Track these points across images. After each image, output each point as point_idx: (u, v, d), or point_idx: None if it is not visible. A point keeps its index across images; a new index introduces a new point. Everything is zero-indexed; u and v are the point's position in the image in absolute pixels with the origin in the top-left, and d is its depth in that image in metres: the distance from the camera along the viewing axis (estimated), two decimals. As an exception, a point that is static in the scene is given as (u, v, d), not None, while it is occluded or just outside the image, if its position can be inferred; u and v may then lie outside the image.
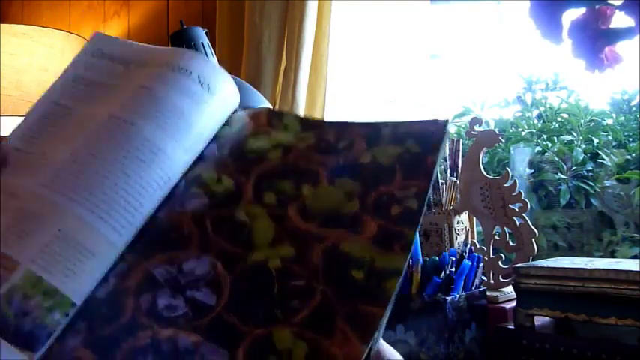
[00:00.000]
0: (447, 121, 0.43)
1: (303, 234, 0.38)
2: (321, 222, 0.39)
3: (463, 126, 1.55)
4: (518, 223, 0.90)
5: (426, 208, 0.99)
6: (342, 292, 0.34)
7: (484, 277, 0.89)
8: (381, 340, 0.47)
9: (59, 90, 0.45)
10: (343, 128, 0.45)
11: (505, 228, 0.92)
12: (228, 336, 0.33)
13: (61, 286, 0.33)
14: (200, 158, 0.42)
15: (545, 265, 0.75)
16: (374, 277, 0.35)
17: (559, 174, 1.37)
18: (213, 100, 0.44)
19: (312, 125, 0.46)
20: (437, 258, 0.79)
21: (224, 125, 0.45)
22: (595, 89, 1.43)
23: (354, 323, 0.33)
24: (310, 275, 0.36)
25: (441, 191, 1.00)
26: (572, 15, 0.53)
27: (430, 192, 0.95)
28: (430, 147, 0.41)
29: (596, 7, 0.52)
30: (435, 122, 0.43)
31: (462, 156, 0.99)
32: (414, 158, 0.41)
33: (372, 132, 0.44)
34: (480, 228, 0.96)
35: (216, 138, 0.44)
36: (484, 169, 0.95)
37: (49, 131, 0.42)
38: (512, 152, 1.44)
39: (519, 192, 0.91)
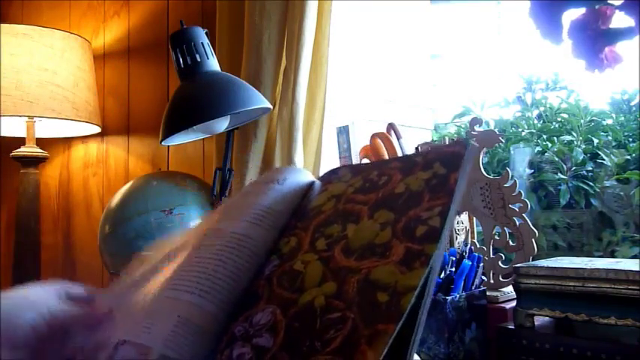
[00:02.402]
0: (468, 139, 0.47)
1: (343, 270, 0.42)
2: (359, 255, 0.42)
3: (463, 126, 1.55)
4: (518, 223, 0.90)
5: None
6: (367, 317, 0.37)
7: (484, 277, 0.89)
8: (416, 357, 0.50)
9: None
10: (384, 165, 0.49)
11: (505, 228, 0.92)
12: None
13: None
14: (283, 229, 0.50)
15: (545, 265, 0.75)
16: (395, 296, 0.37)
17: (559, 174, 1.37)
18: (282, 188, 0.54)
19: (360, 169, 0.50)
20: (437, 258, 0.79)
21: (303, 198, 0.53)
22: (595, 89, 1.43)
23: (371, 342, 0.35)
24: (345, 307, 0.39)
25: (441, 191, 0.99)
26: (572, 15, 0.53)
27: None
28: (454, 166, 0.43)
29: (596, 7, 0.52)
30: (458, 142, 0.47)
31: (462, 156, 0.99)
32: (440, 179, 0.43)
33: (406, 163, 0.47)
34: (480, 228, 0.96)
35: (295, 211, 0.52)
36: (484, 169, 0.95)
37: None
38: (512, 152, 1.44)
39: (519, 192, 0.91)
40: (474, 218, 0.99)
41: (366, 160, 1.09)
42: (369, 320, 0.37)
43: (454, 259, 0.77)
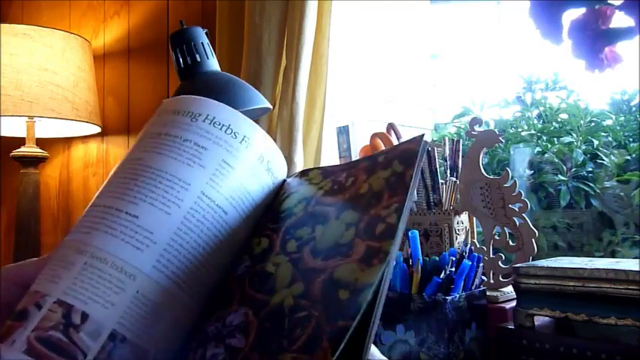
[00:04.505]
0: (422, 136, 0.46)
1: (310, 270, 0.43)
2: (325, 256, 0.43)
3: (463, 126, 1.55)
4: (518, 223, 0.90)
5: (426, 208, 0.99)
6: (329, 314, 0.38)
7: (484, 277, 0.89)
8: (375, 350, 0.52)
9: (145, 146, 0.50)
10: (351, 167, 0.50)
11: (505, 228, 0.92)
12: None
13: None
14: (255, 228, 0.50)
15: (545, 265, 0.75)
16: (354, 294, 0.38)
17: (559, 175, 1.37)
18: (274, 181, 0.53)
19: (330, 172, 0.51)
20: (437, 258, 0.79)
21: (275, 197, 0.53)
22: (595, 89, 1.43)
23: (332, 339, 0.37)
24: (311, 306, 0.40)
25: (440, 191, 1.00)
26: (572, 15, 0.53)
27: (431, 195, 0.94)
28: (410, 162, 0.45)
29: (596, 7, 0.52)
30: (414, 139, 0.47)
31: (462, 156, 0.99)
32: (398, 177, 0.45)
33: (370, 163, 0.48)
34: (480, 228, 0.96)
35: (267, 209, 0.51)
36: (484, 169, 0.95)
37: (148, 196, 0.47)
38: (512, 152, 1.44)
39: (519, 192, 0.91)
40: (474, 218, 0.99)
41: (366, 160, 1.09)
42: (331, 317, 0.38)
43: (454, 259, 0.77)
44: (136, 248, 0.42)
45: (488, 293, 0.85)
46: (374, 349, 0.53)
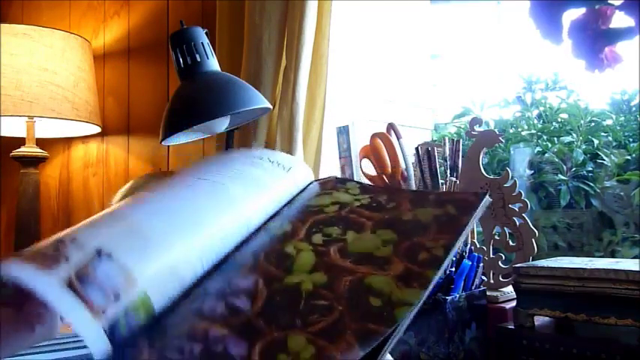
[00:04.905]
0: (485, 193, 0.49)
1: (337, 267, 0.44)
2: (356, 260, 0.45)
3: (463, 126, 1.55)
4: (518, 223, 0.90)
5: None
6: (356, 314, 0.40)
7: (484, 277, 0.89)
8: (389, 357, 0.53)
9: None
10: (395, 192, 0.53)
11: (505, 228, 0.92)
12: (251, 334, 0.39)
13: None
14: (274, 215, 0.52)
15: (545, 265, 0.75)
16: (389, 305, 0.40)
17: (559, 174, 1.37)
18: (287, 175, 0.56)
19: (370, 190, 0.54)
20: (437, 258, 0.79)
21: (300, 192, 0.56)
22: (595, 89, 1.43)
23: (360, 336, 0.38)
24: (334, 299, 0.41)
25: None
26: (572, 15, 0.53)
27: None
28: (466, 211, 0.47)
29: (596, 7, 0.52)
30: (475, 193, 0.50)
31: (462, 156, 0.99)
32: (450, 218, 0.47)
33: (418, 196, 0.51)
34: (480, 228, 0.96)
35: (290, 202, 0.54)
36: (484, 169, 0.95)
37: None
38: (512, 152, 1.44)
39: (519, 192, 0.91)
40: (474, 218, 0.98)
41: (366, 160, 1.09)
42: (359, 317, 0.39)
43: (454, 259, 0.77)
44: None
45: (488, 293, 0.85)
46: (388, 357, 0.55)
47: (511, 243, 0.92)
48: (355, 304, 0.41)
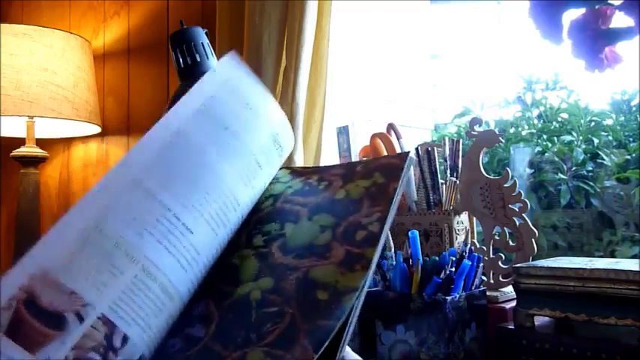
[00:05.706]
0: (408, 153, 0.48)
1: (281, 267, 0.43)
2: (297, 254, 0.44)
3: (463, 126, 1.55)
4: (518, 223, 0.90)
5: (426, 208, 0.99)
6: (306, 313, 0.39)
7: (484, 277, 0.89)
8: (348, 349, 0.53)
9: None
10: (325, 171, 0.51)
11: (505, 228, 0.92)
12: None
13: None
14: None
15: (545, 265, 0.75)
16: (335, 296, 0.39)
17: (559, 174, 1.37)
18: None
19: (300, 173, 0.52)
20: (437, 258, 0.79)
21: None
22: (595, 89, 1.43)
23: (312, 336, 0.37)
24: (283, 302, 0.40)
25: (440, 191, 1.00)
26: (572, 15, 0.53)
27: (431, 195, 0.94)
28: (393, 176, 0.46)
29: (596, 7, 0.52)
30: (399, 155, 0.49)
31: (462, 156, 0.99)
32: (379, 188, 0.46)
33: (347, 171, 0.49)
34: (480, 228, 0.96)
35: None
36: (484, 169, 0.95)
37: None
38: (512, 152, 1.44)
39: (519, 192, 0.91)
40: (474, 218, 0.99)
41: (365, 160, 1.09)
42: (309, 316, 0.39)
43: (454, 259, 0.77)
44: (182, 268, 0.41)
45: (488, 293, 0.85)
46: (348, 349, 0.54)
47: (511, 243, 0.92)
48: (304, 302, 0.40)
